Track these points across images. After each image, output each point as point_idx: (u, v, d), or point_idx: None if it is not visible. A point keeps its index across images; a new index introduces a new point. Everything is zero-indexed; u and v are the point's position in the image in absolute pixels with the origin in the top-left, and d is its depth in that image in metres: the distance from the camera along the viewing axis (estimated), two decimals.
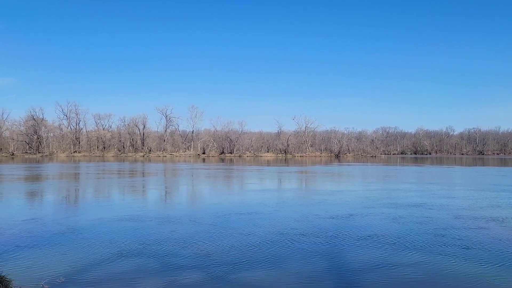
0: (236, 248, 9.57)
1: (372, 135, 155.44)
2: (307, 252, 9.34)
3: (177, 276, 7.51)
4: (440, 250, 9.54)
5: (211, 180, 32.40)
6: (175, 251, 9.30)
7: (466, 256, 9.00)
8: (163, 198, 20.72)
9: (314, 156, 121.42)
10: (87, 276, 7.50)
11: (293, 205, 17.31)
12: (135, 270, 7.86)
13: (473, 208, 16.22)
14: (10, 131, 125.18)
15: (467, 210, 15.82)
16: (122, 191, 23.75)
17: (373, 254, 9.12)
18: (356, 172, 43.84)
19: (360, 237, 10.80)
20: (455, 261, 8.59)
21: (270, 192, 23.16)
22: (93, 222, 12.85)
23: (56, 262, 8.29)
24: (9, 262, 8.22)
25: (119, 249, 9.37)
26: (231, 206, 16.88)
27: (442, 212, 15.16)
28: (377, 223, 12.89)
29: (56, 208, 16.67)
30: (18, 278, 7.04)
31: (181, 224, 12.56)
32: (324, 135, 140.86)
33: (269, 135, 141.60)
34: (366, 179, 34.34)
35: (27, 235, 10.89)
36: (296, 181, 32.78)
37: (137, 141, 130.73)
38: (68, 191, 23.33)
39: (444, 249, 9.58)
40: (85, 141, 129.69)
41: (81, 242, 10.11)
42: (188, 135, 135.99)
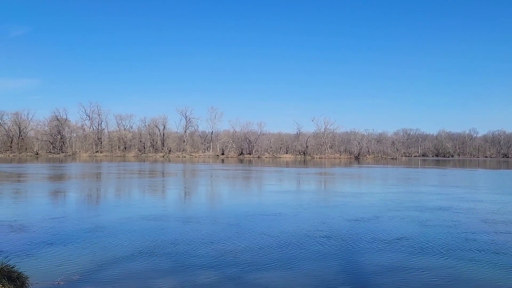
0: (256, 249, 9.42)
1: (393, 137, 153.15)
2: (331, 255, 9.12)
3: (192, 276, 7.41)
4: (470, 255, 9.18)
5: (230, 181, 32.32)
6: (191, 251, 9.21)
7: (498, 262, 8.58)
8: (182, 198, 20.70)
9: (334, 157, 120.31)
10: (103, 274, 7.45)
11: (316, 206, 17.09)
12: (151, 269, 7.77)
13: (502, 212, 15.63)
14: (35, 131, 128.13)
15: (496, 214, 15.26)
16: (143, 191, 23.86)
17: (400, 258, 8.84)
18: (377, 174, 43.14)
19: (387, 240, 10.51)
20: (486, 267, 8.22)
21: (291, 193, 22.88)
22: (112, 221, 12.87)
23: (73, 260, 8.28)
24: (27, 259, 8.26)
25: (136, 248, 9.32)
26: (250, 207, 16.71)
27: (470, 216, 14.67)
28: (404, 226, 12.55)
29: (77, 207, 16.82)
30: (35, 275, 7.05)
31: (199, 224, 12.46)
32: (344, 137, 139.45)
33: (288, 136, 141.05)
34: (388, 181, 33.73)
35: (47, 233, 10.99)
36: (317, 182, 32.40)
37: (157, 141, 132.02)
38: (90, 191, 23.57)
39: (474, 254, 9.21)
40: (106, 141, 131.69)
41: (100, 240, 10.11)
42: (207, 136, 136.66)
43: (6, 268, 6.22)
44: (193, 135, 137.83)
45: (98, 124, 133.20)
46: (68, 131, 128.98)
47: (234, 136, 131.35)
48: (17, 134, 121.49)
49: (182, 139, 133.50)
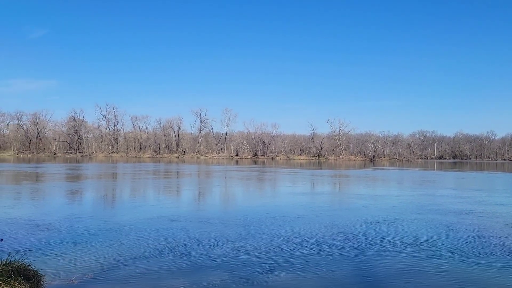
0: (274, 250, 9.44)
1: (409, 139, 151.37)
2: (354, 258, 9.06)
3: (204, 277, 7.50)
4: (500, 260, 9.00)
5: (245, 182, 32.44)
6: (204, 251, 9.30)
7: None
8: (196, 199, 20.89)
9: (348, 159, 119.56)
10: (116, 273, 7.59)
11: (336, 209, 16.98)
12: (163, 269, 7.89)
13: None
14: (53, 131, 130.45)
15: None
16: (158, 191, 24.16)
17: (426, 262, 8.72)
18: (394, 177, 42.76)
19: (411, 244, 10.39)
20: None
21: (309, 195, 22.90)
22: (127, 220, 13.08)
23: (88, 259, 8.45)
24: (43, 257, 8.45)
25: (149, 248, 9.46)
26: (266, 208, 16.77)
27: (494, 220, 14.46)
28: (428, 230, 12.37)
29: (94, 206, 17.13)
30: (50, 273, 7.22)
31: (212, 225, 12.58)
32: (359, 139, 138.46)
33: (302, 137, 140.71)
34: (406, 184, 33.41)
35: (63, 232, 11.21)
36: (334, 184, 32.29)
37: (172, 142, 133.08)
38: (106, 191, 23.95)
39: (503, 259, 9.03)
40: (122, 142, 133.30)
41: (114, 240, 10.28)
42: (222, 137, 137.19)
43: (22, 266, 6.41)
44: (207, 136, 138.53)
45: (114, 125, 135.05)
46: (85, 131, 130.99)
47: (248, 137, 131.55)
48: (36, 134, 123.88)
49: (197, 140, 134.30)
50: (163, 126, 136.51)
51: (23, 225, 11.93)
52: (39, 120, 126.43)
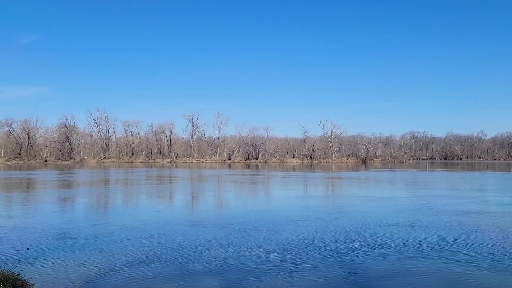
0: (264, 255, 9.48)
1: (400, 140, 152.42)
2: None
3: (195, 282, 7.50)
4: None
5: (238, 186, 32.43)
6: (196, 256, 9.30)
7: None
8: (189, 204, 20.87)
9: (340, 161, 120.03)
10: (106, 280, 7.57)
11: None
12: (153, 275, 7.88)
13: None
14: (44, 138, 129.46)
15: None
16: (150, 196, 24.08)
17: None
18: (392, 178, 42.93)
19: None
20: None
21: (304, 198, 22.96)
22: (118, 227, 13.02)
23: (78, 266, 8.42)
24: (33, 266, 8.40)
25: (141, 254, 9.45)
26: (259, 212, 16.79)
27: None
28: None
29: (85, 213, 17.03)
30: (40, 281, 7.18)
31: (204, 230, 12.59)
32: (351, 140, 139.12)
33: (295, 140, 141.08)
34: (408, 185, 33.47)
35: (52, 239, 11.14)
36: (335, 187, 32.33)
37: (164, 147, 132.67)
38: (98, 197, 23.83)
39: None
40: (114, 147, 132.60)
41: (105, 246, 10.25)
42: (214, 141, 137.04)
43: (11, 276, 6.39)
44: (200, 141, 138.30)
45: (105, 130, 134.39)
46: (76, 138, 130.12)
47: (241, 141, 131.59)
48: (26, 141, 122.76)
49: (189, 145, 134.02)
50: (155, 131, 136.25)
51: (11, 234, 11.84)
52: (30, 127, 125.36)
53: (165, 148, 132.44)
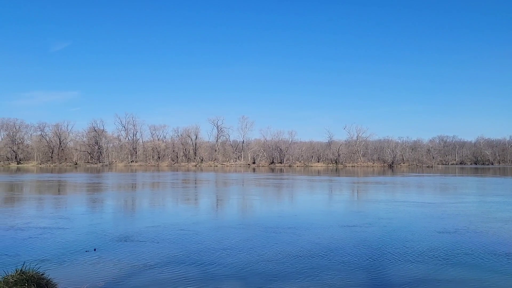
0: (287, 259, 9.38)
1: (428, 145, 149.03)
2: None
3: (217, 285, 7.47)
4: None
5: (262, 190, 32.36)
6: (219, 259, 9.29)
7: None
8: (214, 207, 20.93)
9: (366, 166, 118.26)
10: (128, 281, 7.63)
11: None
12: (176, 278, 7.89)
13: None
14: (74, 141, 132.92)
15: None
16: (176, 200, 24.33)
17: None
18: (422, 183, 41.89)
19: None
20: None
21: (339, 202, 22.72)
22: (144, 229, 13.17)
23: (102, 267, 8.52)
24: (58, 266, 8.56)
25: (164, 257, 9.50)
26: (283, 216, 16.68)
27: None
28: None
29: (112, 215, 17.33)
30: (63, 281, 7.29)
31: (228, 233, 12.57)
32: (377, 145, 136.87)
33: (320, 144, 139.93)
34: (449, 190, 32.47)
35: (79, 240, 11.35)
36: (360, 191, 31.85)
37: (190, 151, 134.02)
38: (125, 200, 24.24)
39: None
40: (141, 151, 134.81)
41: (130, 248, 10.36)
42: (239, 145, 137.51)
43: (36, 275, 6.51)
44: (224, 144, 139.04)
45: (133, 134, 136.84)
46: (105, 141, 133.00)
47: (265, 145, 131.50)
48: (58, 145, 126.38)
49: (214, 149, 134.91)
50: (180, 135, 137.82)
51: (38, 234, 12.14)
52: (61, 131, 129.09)
53: (191, 152, 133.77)
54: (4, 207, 19.79)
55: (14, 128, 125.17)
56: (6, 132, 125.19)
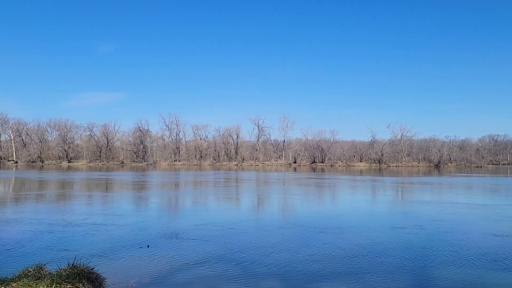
0: (328, 259, 9.32)
1: (478, 144, 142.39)
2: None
3: (258, 284, 7.55)
4: None
5: (304, 189, 32.22)
6: (260, 258, 9.37)
7: None
8: (255, 206, 21.10)
9: (411, 166, 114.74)
10: (172, 278, 7.86)
11: (418, 218, 15.91)
12: (219, 275, 8.04)
13: None
14: (121, 141, 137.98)
15: None
16: (218, 198, 24.74)
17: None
18: (482, 184, 40.10)
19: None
20: None
21: (382, 203, 22.33)
22: (188, 227, 13.49)
23: (147, 263, 8.83)
24: (107, 261, 8.95)
25: (207, 254, 9.69)
26: (325, 216, 16.56)
27: None
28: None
29: (157, 213, 17.90)
30: (112, 276, 7.61)
31: (269, 232, 12.65)
32: (422, 144, 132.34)
33: (362, 144, 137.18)
34: (503, 191, 31.03)
35: (126, 237, 11.80)
36: (404, 192, 31.08)
37: (231, 150, 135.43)
38: (170, 198, 24.94)
39: None
40: (184, 150, 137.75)
41: (174, 245, 10.66)
42: (280, 145, 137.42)
43: (86, 269, 6.85)
44: (265, 144, 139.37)
45: (176, 134, 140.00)
46: (149, 141, 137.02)
47: (306, 144, 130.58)
48: (105, 144, 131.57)
49: (255, 148, 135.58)
50: (222, 134, 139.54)
51: (90, 230, 12.72)
52: (109, 131, 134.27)
53: (232, 151, 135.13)
54: (61, 204, 20.86)
55: (65, 128, 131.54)
56: (58, 132, 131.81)
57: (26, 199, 22.72)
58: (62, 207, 19.36)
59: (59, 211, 17.56)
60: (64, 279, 6.35)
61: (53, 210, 17.93)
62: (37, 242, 10.89)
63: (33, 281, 6.29)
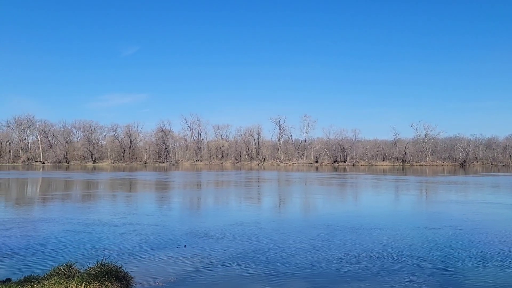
0: (352, 260, 9.25)
1: (505, 142, 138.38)
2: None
3: (283, 284, 7.54)
4: None
5: (326, 189, 32.02)
6: (284, 259, 9.36)
7: None
8: (277, 206, 21.08)
9: (435, 165, 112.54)
10: (198, 277, 7.93)
11: (444, 218, 15.71)
12: (244, 275, 8.07)
13: None
14: (144, 142, 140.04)
15: None
16: (240, 198, 24.82)
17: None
18: (497, 183, 39.28)
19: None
20: None
21: (406, 203, 22.02)
22: (212, 227, 13.57)
23: (173, 263, 8.94)
24: (134, 260, 9.09)
25: (232, 254, 9.74)
26: (349, 216, 16.42)
27: None
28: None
29: (181, 213, 18.09)
30: (139, 275, 7.74)
31: (293, 233, 12.61)
32: (447, 142, 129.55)
33: (385, 143, 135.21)
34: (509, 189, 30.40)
35: (152, 236, 11.98)
36: (428, 191, 30.54)
37: (252, 150, 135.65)
38: (193, 198, 25.18)
39: None
40: (205, 150, 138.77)
41: (199, 245, 10.74)
42: (301, 144, 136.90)
43: (114, 268, 6.99)
44: (286, 143, 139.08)
45: (198, 134, 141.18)
46: (171, 141, 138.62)
47: (328, 144, 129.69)
48: (129, 145, 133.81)
49: (276, 147, 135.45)
50: (243, 134, 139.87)
51: (116, 230, 12.95)
52: (132, 132, 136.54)
53: (253, 151, 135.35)
54: (88, 204, 21.31)
55: (90, 129, 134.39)
56: (83, 133, 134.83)
57: (54, 199, 23.31)
58: (90, 207, 19.77)
59: (87, 211, 17.94)
60: (93, 278, 6.49)
61: (81, 210, 18.33)
62: (67, 241, 11.16)
63: (63, 279, 6.45)
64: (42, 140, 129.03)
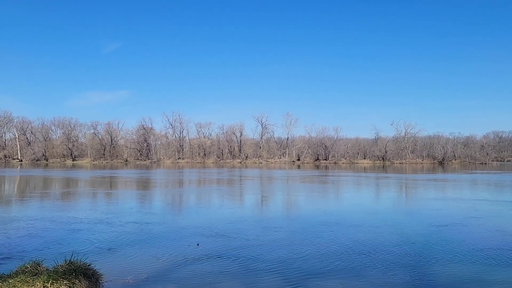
0: (327, 256, 9.29)
1: (482, 140, 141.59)
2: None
3: (256, 280, 7.53)
4: None
5: (307, 187, 32.17)
6: (259, 255, 9.35)
7: None
8: (258, 204, 21.06)
9: (415, 163, 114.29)
10: (170, 274, 7.84)
11: (419, 215, 15.92)
12: (217, 271, 8.02)
13: None
14: (125, 139, 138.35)
15: None
16: (221, 196, 24.67)
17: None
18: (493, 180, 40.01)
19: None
20: None
21: (384, 200, 22.21)
22: (189, 224, 13.49)
23: (146, 260, 8.82)
24: (106, 258, 8.95)
25: (206, 251, 9.67)
26: (327, 214, 16.50)
27: None
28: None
29: (157, 211, 17.83)
30: (109, 272, 7.61)
31: (270, 230, 12.62)
32: (426, 141, 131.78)
33: (366, 141, 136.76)
34: (492, 186, 30.86)
35: (125, 233, 11.81)
36: (407, 189, 30.97)
37: (235, 148, 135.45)
38: (173, 196, 24.94)
39: None
40: (187, 148, 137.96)
41: (174, 242, 10.65)
42: (283, 142, 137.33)
43: (83, 266, 6.84)
44: (269, 141, 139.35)
45: (180, 132, 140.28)
46: (153, 139, 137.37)
47: (310, 142, 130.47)
48: (109, 142, 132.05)
49: (259, 145, 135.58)
50: (225, 132, 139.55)
51: (89, 228, 12.73)
52: (112, 129, 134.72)
53: (236, 149, 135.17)
54: (64, 202, 20.90)
55: (69, 126, 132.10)
56: (62, 131, 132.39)
57: (30, 198, 22.81)
58: (65, 205, 19.40)
59: (63, 209, 17.60)
60: (60, 275, 6.34)
61: (56, 208, 17.98)
62: (38, 239, 10.91)
63: (30, 277, 6.28)
64: (20, 138, 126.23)
